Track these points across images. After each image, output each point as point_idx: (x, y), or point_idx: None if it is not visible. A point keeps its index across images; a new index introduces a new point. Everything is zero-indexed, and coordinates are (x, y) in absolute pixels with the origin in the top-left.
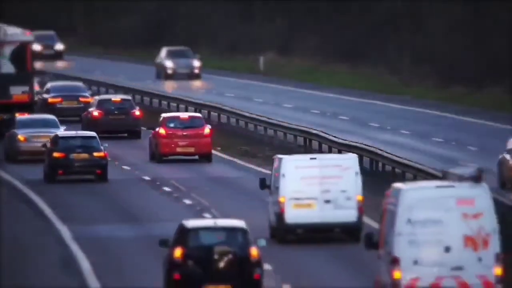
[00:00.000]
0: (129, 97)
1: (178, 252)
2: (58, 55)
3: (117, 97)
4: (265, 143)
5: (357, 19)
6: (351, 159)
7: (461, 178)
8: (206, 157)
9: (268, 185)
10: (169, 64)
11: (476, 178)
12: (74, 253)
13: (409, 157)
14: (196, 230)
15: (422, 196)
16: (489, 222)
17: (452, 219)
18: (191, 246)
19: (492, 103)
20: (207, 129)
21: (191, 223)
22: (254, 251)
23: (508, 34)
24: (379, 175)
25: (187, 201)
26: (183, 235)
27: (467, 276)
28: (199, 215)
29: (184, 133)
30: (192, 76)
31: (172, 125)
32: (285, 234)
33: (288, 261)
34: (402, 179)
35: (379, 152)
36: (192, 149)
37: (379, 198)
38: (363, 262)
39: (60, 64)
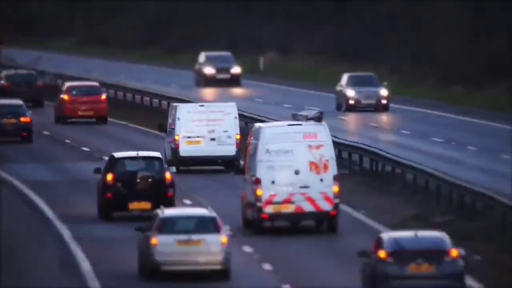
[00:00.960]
0: (33, 72)
1: (109, 177)
2: (234, 80)
3: (23, 71)
4: None
5: (357, 19)
6: (231, 106)
7: (306, 119)
8: (102, 120)
9: (165, 128)
10: (351, 93)
11: (318, 119)
12: (74, 253)
13: (409, 157)
14: (123, 159)
15: (277, 132)
16: (328, 152)
17: (300, 149)
18: (119, 172)
19: (492, 103)
20: (103, 96)
21: (118, 154)
22: (168, 175)
23: (507, 34)
24: (379, 175)
25: (187, 201)
26: (113, 163)
27: (312, 193)
28: None
29: (84, 99)
30: (378, 107)
31: (74, 92)
32: (180, 165)
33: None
34: (402, 179)
35: (379, 152)
36: (91, 113)
37: (379, 197)
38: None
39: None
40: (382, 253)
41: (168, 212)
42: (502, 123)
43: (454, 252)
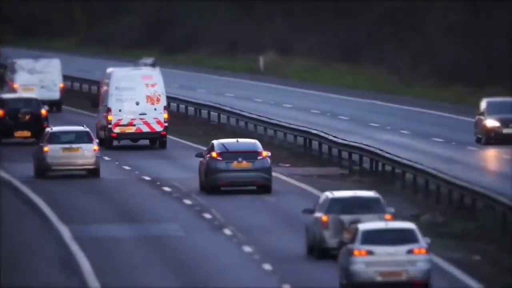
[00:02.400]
0: None
1: (0, 112)
2: None
3: None
4: (265, 143)
5: (357, 19)
6: (56, 62)
7: (145, 65)
8: None
9: (6, 81)
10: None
11: (153, 65)
12: (74, 253)
13: (409, 157)
14: (9, 99)
15: (123, 74)
16: (160, 89)
17: (140, 87)
18: (7, 109)
19: None
20: None
21: (5, 96)
22: (43, 111)
23: (507, 34)
24: (379, 175)
25: (187, 201)
26: (2, 103)
27: (148, 118)
28: (198, 215)
29: None
30: None
31: None
32: None
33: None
34: (402, 179)
35: (379, 152)
36: None
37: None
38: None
39: None
40: (214, 154)
41: (55, 128)
42: None
43: (264, 153)
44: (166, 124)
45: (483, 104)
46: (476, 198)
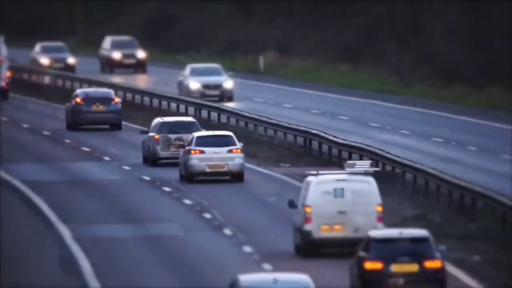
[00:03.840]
0: None
1: None
2: None
3: None
4: (265, 143)
5: (357, 19)
6: None
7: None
8: None
9: None
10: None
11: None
12: (74, 253)
13: (409, 157)
14: None
15: None
16: (3, 54)
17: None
18: None
19: (492, 103)
20: None
21: None
22: None
23: (508, 34)
24: (379, 175)
25: (187, 201)
26: None
27: None
28: (198, 215)
29: None
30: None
31: None
32: None
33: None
34: (402, 179)
35: (379, 152)
36: None
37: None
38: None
39: None
40: (78, 100)
41: None
42: (502, 123)
43: (117, 100)
44: (8, 81)
45: None
46: (476, 198)
